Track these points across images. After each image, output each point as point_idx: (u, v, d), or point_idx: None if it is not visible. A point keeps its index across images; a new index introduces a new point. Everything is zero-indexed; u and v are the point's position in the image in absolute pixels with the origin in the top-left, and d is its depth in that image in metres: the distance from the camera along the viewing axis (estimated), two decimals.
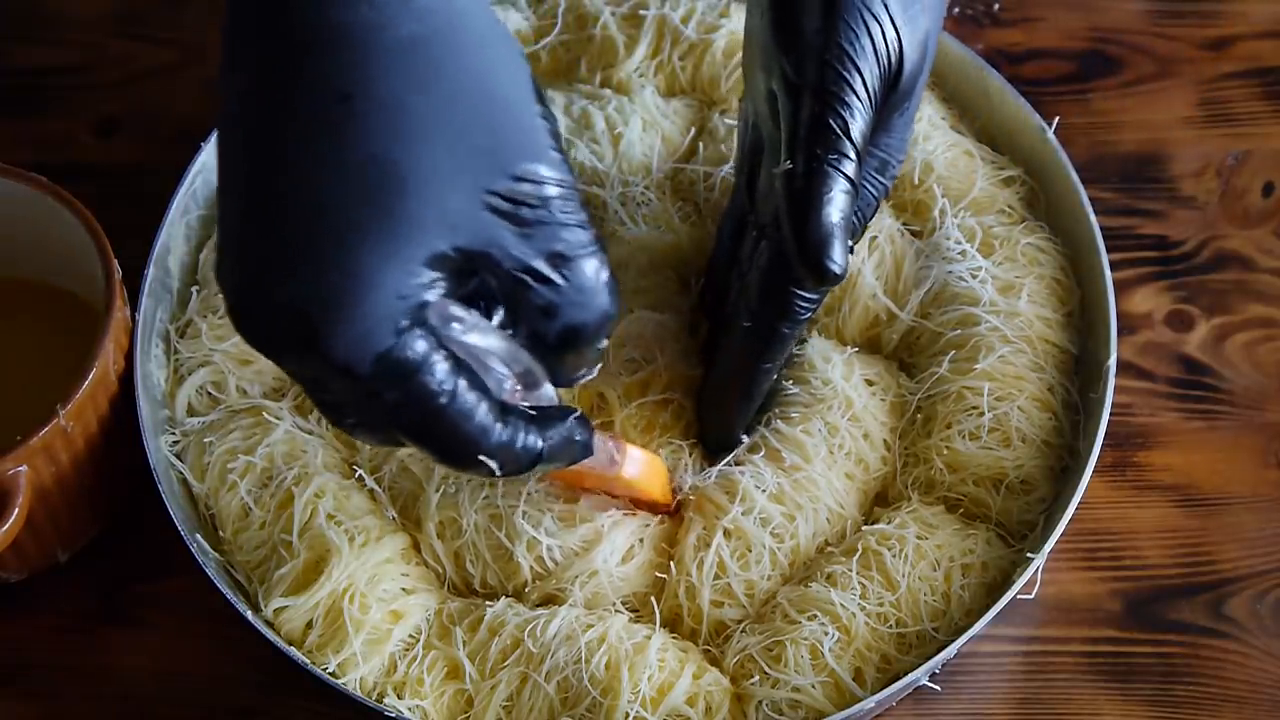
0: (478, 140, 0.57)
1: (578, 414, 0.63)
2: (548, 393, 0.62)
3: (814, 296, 0.70)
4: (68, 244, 0.78)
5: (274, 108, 0.56)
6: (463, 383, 0.58)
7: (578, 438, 0.63)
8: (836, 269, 0.64)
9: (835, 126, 0.64)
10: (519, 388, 0.61)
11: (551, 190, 0.58)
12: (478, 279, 0.58)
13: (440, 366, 0.57)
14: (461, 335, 0.58)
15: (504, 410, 0.60)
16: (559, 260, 0.58)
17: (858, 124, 0.64)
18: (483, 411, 0.59)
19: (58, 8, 0.99)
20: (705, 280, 0.79)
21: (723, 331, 0.75)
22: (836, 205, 0.64)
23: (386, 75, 0.55)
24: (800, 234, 0.64)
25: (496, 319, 0.60)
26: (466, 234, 0.57)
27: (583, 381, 0.63)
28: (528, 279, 0.58)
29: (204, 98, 0.93)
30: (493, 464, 0.60)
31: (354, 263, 0.55)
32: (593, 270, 0.59)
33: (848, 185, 0.64)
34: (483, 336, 0.59)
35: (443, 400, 0.58)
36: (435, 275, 0.57)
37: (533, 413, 0.61)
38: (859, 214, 0.71)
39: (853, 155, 0.64)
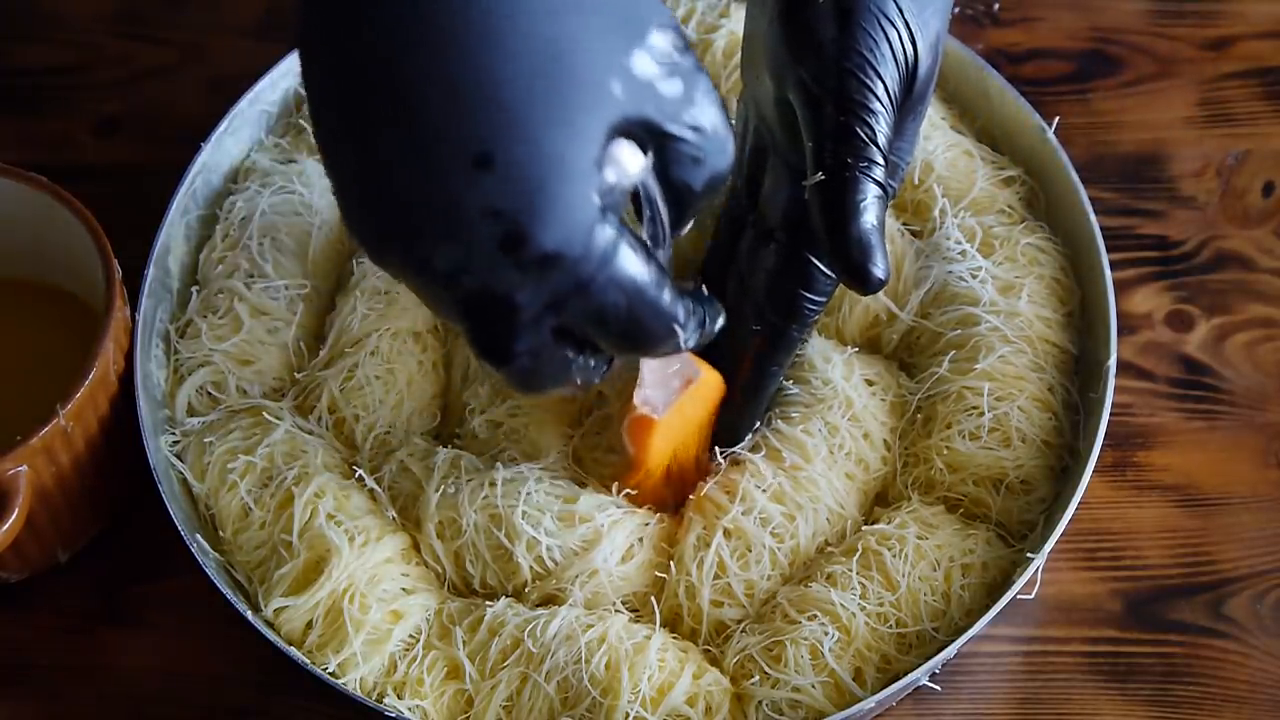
0: (616, 9, 0.56)
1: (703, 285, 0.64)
2: (667, 257, 0.61)
3: (822, 299, 0.70)
4: (68, 244, 0.78)
5: (411, 5, 0.54)
6: (651, 256, 0.58)
7: (719, 308, 0.64)
8: (881, 274, 0.64)
9: (862, 135, 0.64)
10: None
11: (680, 42, 0.58)
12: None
13: (630, 237, 0.57)
14: (641, 178, 0.58)
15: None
16: (699, 109, 0.58)
17: (883, 130, 0.65)
18: (668, 285, 0.59)
19: (57, 7, 0.99)
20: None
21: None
22: (872, 212, 0.64)
23: None
24: (841, 244, 0.64)
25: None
26: (631, 101, 0.56)
27: (682, 234, 0.62)
28: (684, 132, 0.58)
29: (204, 97, 0.93)
30: (683, 337, 0.60)
31: (546, 146, 0.54)
32: (723, 114, 0.59)
33: (880, 191, 0.64)
34: (651, 177, 0.59)
35: (646, 274, 0.58)
36: (609, 146, 0.56)
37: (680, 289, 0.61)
38: None
39: (881, 161, 0.64)
